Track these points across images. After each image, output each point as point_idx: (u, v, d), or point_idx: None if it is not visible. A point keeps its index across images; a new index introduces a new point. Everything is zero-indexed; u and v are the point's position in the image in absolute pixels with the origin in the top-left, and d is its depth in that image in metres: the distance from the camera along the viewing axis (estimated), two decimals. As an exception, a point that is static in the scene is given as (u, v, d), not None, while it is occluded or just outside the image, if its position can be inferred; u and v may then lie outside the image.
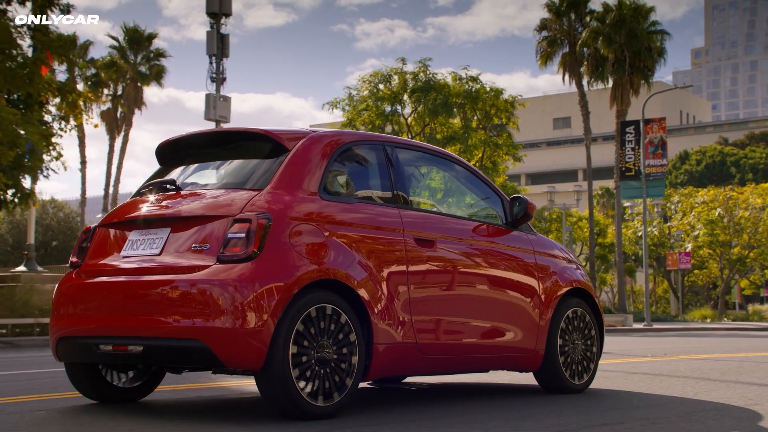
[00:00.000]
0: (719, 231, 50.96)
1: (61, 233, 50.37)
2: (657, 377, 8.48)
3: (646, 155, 36.56)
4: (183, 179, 5.87)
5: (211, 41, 25.70)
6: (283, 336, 4.99)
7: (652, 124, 37.44)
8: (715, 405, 6.16)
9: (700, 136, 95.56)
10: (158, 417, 5.41)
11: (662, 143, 36.65)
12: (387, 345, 5.56)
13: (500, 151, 39.33)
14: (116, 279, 5.41)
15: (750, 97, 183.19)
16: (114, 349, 5.27)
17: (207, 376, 8.14)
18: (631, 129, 38.47)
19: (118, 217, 5.81)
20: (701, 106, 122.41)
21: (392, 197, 6.02)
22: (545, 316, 6.79)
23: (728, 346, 16.01)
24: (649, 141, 36.83)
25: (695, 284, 60.11)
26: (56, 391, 6.93)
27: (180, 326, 4.99)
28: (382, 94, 39.03)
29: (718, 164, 75.21)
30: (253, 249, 5.04)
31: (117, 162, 52.67)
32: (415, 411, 5.80)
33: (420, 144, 6.67)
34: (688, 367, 9.93)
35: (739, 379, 8.22)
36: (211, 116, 24.76)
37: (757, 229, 50.50)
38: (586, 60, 44.90)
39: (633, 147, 37.67)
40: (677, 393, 6.96)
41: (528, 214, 6.77)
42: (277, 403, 5.09)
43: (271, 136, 5.70)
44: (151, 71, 51.62)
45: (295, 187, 5.44)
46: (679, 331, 31.09)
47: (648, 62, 43.52)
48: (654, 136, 36.86)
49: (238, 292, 4.93)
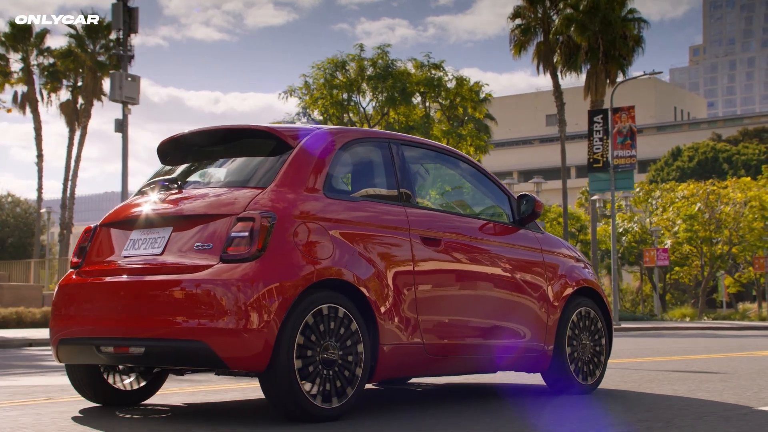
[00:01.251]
0: (699, 226, 48.84)
1: (18, 229, 49.80)
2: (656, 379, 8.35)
3: (615, 146, 34.58)
4: (185, 177, 5.75)
5: (117, 15, 23.82)
6: (288, 337, 4.89)
7: (621, 113, 35.33)
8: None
9: (694, 132, 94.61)
10: (160, 420, 5.30)
11: (631, 133, 34.71)
12: (393, 345, 5.46)
13: (464, 143, 37.78)
14: (117, 279, 5.30)
15: (747, 94, 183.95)
16: (115, 351, 5.16)
17: (210, 378, 7.98)
18: (599, 118, 36.02)
19: (119, 217, 5.71)
20: (696, 103, 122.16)
21: (398, 195, 5.90)
22: (553, 315, 6.68)
23: (666, 348, 15.37)
24: (618, 131, 34.82)
25: (681, 282, 58.60)
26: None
27: (182, 327, 4.88)
28: (338, 81, 37.19)
29: (711, 160, 74.11)
30: (256, 248, 4.94)
31: (75, 155, 50.18)
32: (421, 413, 5.70)
33: (426, 141, 6.56)
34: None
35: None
36: (116, 97, 22.92)
37: (739, 225, 48.80)
38: (559, 48, 42.69)
39: (601, 137, 35.40)
40: (683, 393, 6.87)
41: (535, 213, 6.66)
42: (281, 405, 5.00)
43: (274, 134, 5.59)
44: (111, 61, 47.72)
45: (299, 185, 5.33)
46: (645, 330, 29.14)
47: (623, 51, 41.61)
48: (623, 126, 34.85)
49: (242, 292, 4.83)
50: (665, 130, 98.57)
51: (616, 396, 6.78)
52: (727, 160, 74.48)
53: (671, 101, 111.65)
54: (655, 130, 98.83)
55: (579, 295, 6.98)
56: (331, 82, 37.04)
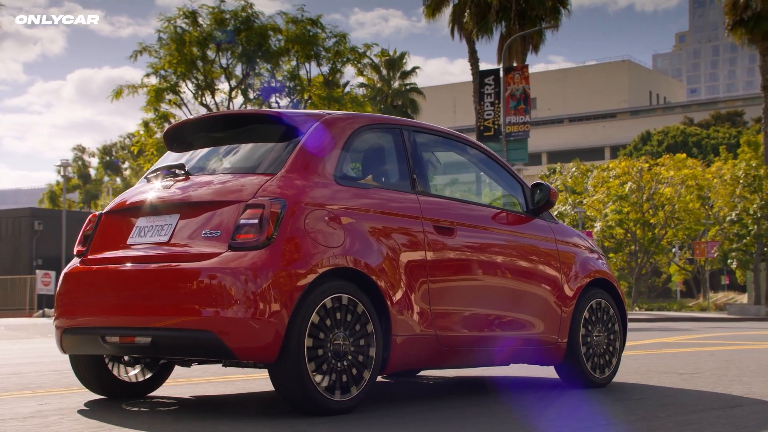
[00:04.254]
0: (629, 208, 44.68)
1: None
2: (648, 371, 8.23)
3: (507, 111, 31.00)
4: (192, 164, 5.62)
5: None
6: (298, 327, 4.76)
7: (514, 73, 31.74)
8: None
9: (669, 116, 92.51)
10: (167, 414, 5.20)
11: (525, 96, 31.22)
12: (406, 337, 5.33)
13: (343, 109, 33.13)
14: (123, 267, 5.17)
15: (730, 80, 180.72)
16: (121, 341, 5.04)
17: (217, 370, 7.86)
18: (491, 80, 32.01)
19: (124, 204, 5.58)
20: (672, 87, 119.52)
21: (410, 182, 5.77)
22: (567, 307, 6.55)
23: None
24: (510, 94, 31.25)
25: (620, 270, 52.55)
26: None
27: (190, 316, 4.76)
28: (190, 36, 32.82)
29: (680, 145, 71.54)
30: (266, 236, 4.81)
31: None
32: (431, 406, 5.58)
33: (438, 128, 6.41)
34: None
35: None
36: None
37: (674, 206, 44.95)
38: (468, 8, 37.69)
39: (492, 101, 31.62)
40: (710, 387, 6.74)
41: (550, 202, 6.53)
42: (291, 398, 4.88)
43: (283, 119, 5.49)
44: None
45: (309, 171, 5.21)
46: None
47: (540, 11, 36.83)
48: (515, 88, 31.29)
49: (251, 281, 4.70)
50: (639, 115, 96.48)
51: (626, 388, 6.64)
52: (697, 144, 72.43)
53: (646, 85, 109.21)
54: (628, 114, 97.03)
55: (593, 287, 6.83)
56: (181, 37, 32.61)
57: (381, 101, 41.04)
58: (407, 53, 39.13)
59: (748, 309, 42.33)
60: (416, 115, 51.64)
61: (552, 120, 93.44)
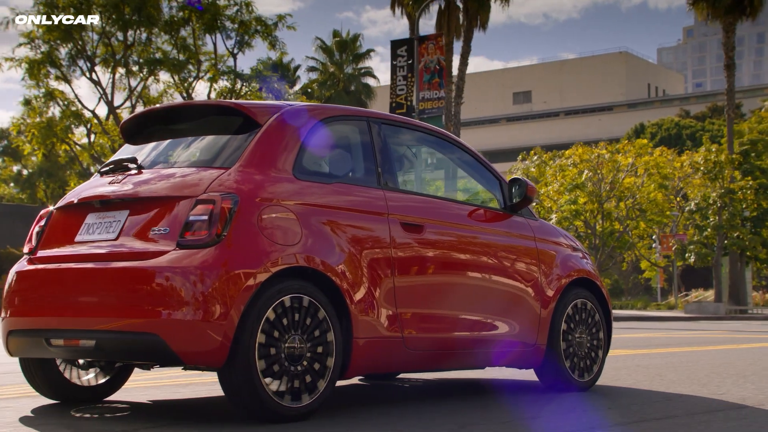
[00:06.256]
0: (585, 198, 40.03)
1: None
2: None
3: (420, 86, 27.93)
4: (147, 157, 5.35)
5: None
6: (249, 329, 4.50)
7: (428, 43, 28.47)
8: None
9: (666, 109, 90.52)
10: (115, 420, 4.94)
11: (440, 69, 28.23)
12: (369, 339, 5.06)
13: (250, 86, 31.23)
14: (68, 266, 4.91)
15: (736, 74, 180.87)
16: (65, 344, 4.78)
17: (180, 372, 7.57)
18: (404, 50, 28.66)
19: (75, 199, 5.30)
20: (671, 80, 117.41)
21: (376, 178, 5.50)
22: (547, 308, 6.27)
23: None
24: (424, 66, 28.24)
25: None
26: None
27: (133, 319, 4.50)
28: (61, 1, 30.12)
29: (674, 137, 69.84)
30: (215, 233, 4.55)
31: None
32: (402, 411, 5.30)
33: (411, 121, 6.14)
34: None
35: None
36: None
37: (635, 196, 40.51)
38: None
39: (405, 75, 28.37)
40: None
41: (528, 198, 6.24)
42: (242, 403, 4.62)
43: (241, 110, 5.21)
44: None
45: (266, 165, 4.94)
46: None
47: None
48: (430, 60, 28.31)
49: (198, 281, 4.44)
50: (636, 108, 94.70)
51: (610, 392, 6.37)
52: (691, 137, 69.94)
53: (644, 78, 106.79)
54: (626, 107, 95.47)
55: (575, 287, 6.55)
56: (52, 1, 29.98)
57: (332, 86, 39.34)
58: (361, 35, 37.42)
59: (705, 307, 39.70)
60: (370, 102, 49.20)
61: (548, 113, 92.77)
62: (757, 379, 7.36)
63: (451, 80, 34.44)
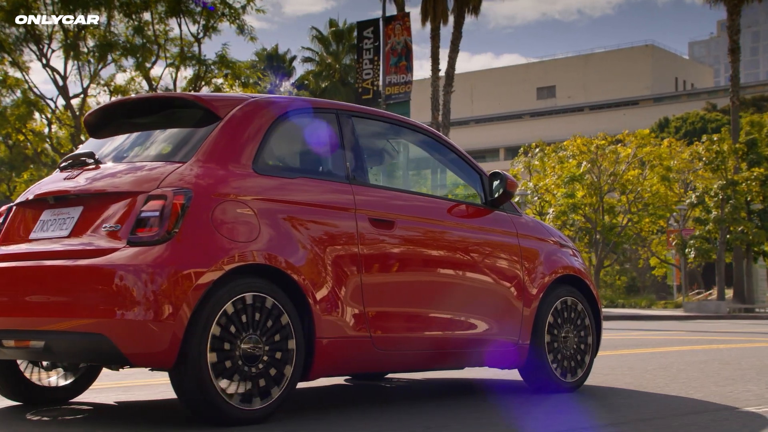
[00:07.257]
0: (584, 191, 38.47)
1: None
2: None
3: (387, 69, 26.57)
4: (106, 151, 5.21)
5: None
6: (200, 329, 4.34)
7: (394, 23, 26.86)
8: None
9: (693, 102, 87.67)
10: (74, 422, 4.80)
11: (407, 51, 26.71)
12: (333, 339, 4.89)
13: (213, 72, 29.06)
14: (20, 264, 4.77)
15: (761, 65, 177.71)
16: (16, 345, 4.65)
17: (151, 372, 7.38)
18: (370, 32, 27.21)
19: (33, 195, 5.17)
20: (700, 73, 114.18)
21: (344, 172, 5.31)
22: (530, 306, 6.06)
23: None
24: (391, 48, 26.83)
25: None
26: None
27: (82, 319, 4.35)
28: None
29: (699, 131, 67.10)
30: (166, 229, 4.39)
31: None
32: (378, 413, 5.12)
33: (383, 113, 5.94)
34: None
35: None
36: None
37: (638, 190, 38.75)
38: None
39: (371, 58, 27.03)
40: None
41: (507, 192, 6.01)
42: (192, 405, 4.47)
43: (201, 103, 5.05)
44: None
45: (225, 159, 4.77)
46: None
47: None
48: (396, 42, 26.84)
49: (147, 280, 4.28)
50: (662, 102, 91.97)
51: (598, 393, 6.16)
52: (716, 131, 67.79)
53: (671, 72, 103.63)
54: (651, 101, 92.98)
55: (562, 284, 6.33)
56: None
57: (328, 77, 38.26)
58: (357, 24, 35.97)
59: (706, 306, 37.52)
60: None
61: (572, 108, 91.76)
62: (744, 381, 7.12)
63: (438, 68, 32.63)
